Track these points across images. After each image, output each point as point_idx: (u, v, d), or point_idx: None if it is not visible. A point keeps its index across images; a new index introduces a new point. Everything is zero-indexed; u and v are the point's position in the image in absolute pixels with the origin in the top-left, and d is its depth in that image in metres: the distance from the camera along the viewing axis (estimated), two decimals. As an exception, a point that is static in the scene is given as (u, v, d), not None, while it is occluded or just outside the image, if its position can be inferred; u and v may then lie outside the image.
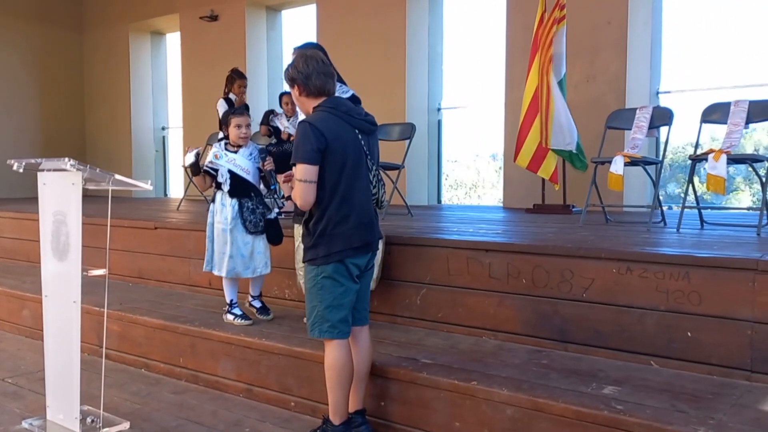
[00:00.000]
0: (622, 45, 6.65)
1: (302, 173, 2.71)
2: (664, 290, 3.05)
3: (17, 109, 11.13)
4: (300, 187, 2.72)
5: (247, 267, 3.92)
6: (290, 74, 2.86)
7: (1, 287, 5.44)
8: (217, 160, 3.91)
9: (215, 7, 9.95)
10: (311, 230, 2.82)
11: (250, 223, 3.88)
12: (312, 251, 2.83)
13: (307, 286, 2.88)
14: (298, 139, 2.74)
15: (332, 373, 2.85)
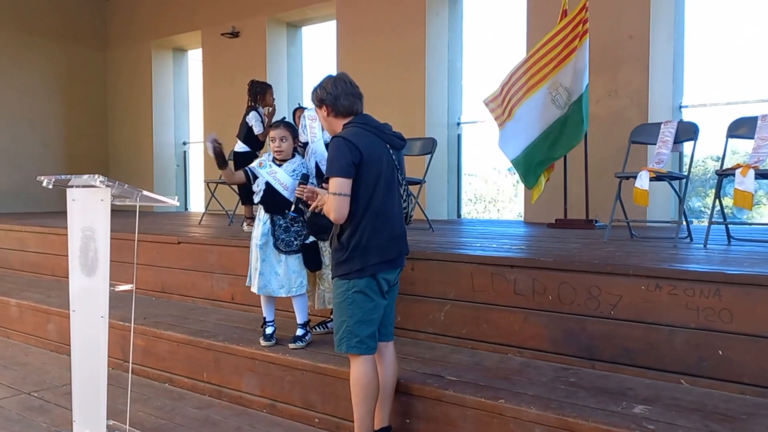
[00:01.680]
0: (644, 59, 6.62)
1: (338, 187, 2.73)
2: (694, 308, 3.01)
3: (42, 126, 11.32)
4: (335, 201, 2.73)
5: (281, 286, 3.81)
6: (319, 95, 2.92)
7: (27, 301, 5.51)
8: (260, 168, 3.84)
9: (236, 23, 10.07)
10: (344, 244, 2.82)
11: (282, 241, 3.78)
12: (345, 265, 2.82)
13: (337, 300, 2.89)
14: (332, 153, 2.75)
15: (358, 389, 2.84)
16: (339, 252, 2.86)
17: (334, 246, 2.90)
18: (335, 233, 2.89)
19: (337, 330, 2.87)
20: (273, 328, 3.96)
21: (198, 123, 11.20)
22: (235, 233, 5.78)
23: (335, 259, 2.89)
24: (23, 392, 4.10)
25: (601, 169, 6.38)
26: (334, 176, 2.73)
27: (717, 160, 6.79)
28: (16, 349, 5.26)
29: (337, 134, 2.82)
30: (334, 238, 2.89)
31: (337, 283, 2.88)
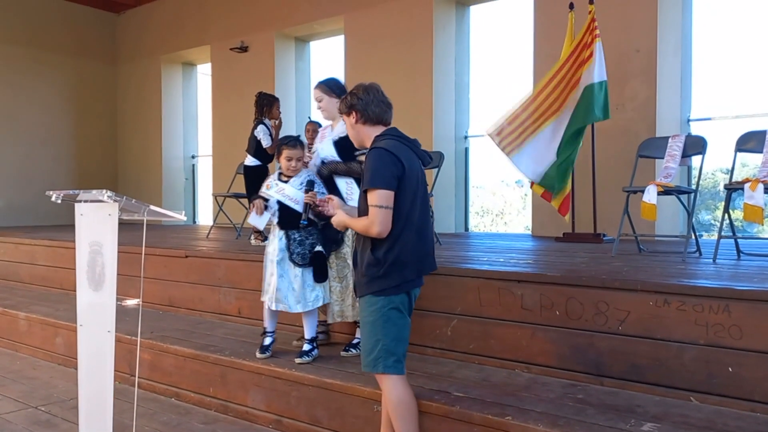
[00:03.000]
0: (651, 73, 6.62)
1: (382, 199, 2.64)
2: (703, 323, 2.98)
3: (53, 140, 11.43)
4: (379, 214, 2.63)
5: (297, 301, 3.79)
6: (349, 101, 2.86)
7: (35, 315, 5.52)
8: (268, 190, 3.86)
9: (245, 38, 10.15)
10: (381, 259, 2.71)
11: (298, 255, 3.77)
12: (381, 281, 2.72)
13: (369, 318, 2.76)
14: (374, 165, 2.67)
15: (403, 410, 2.75)
16: (373, 267, 2.73)
17: (366, 261, 2.75)
18: (366, 247, 2.75)
19: (371, 350, 2.73)
20: (271, 339, 3.97)
21: (207, 137, 11.27)
22: (243, 247, 5.79)
23: (367, 275, 2.75)
24: (30, 406, 4.11)
25: (609, 182, 6.37)
26: (379, 188, 2.64)
27: (726, 173, 6.76)
28: (25, 362, 5.27)
29: (377, 146, 2.73)
30: (365, 253, 2.75)
31: (370, 300, 2.75)
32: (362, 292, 2.80)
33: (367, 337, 2.77)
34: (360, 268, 2.80)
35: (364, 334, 2.80)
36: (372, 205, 2.64)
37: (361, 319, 2.83)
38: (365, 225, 2.70)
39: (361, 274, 2.78)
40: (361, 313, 2.82)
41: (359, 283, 2.83)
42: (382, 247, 2.71)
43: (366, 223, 2.69)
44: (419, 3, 8.25)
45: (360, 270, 2.80)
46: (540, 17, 7.33)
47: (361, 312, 2.82)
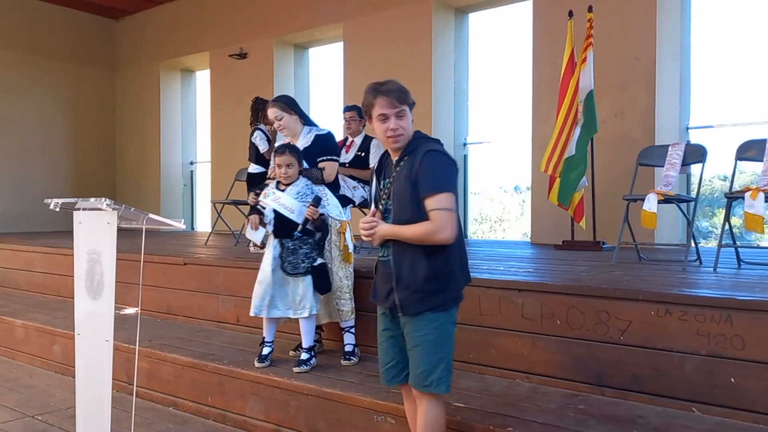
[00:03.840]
0: (650, 80, 6.62)
1: (449, 202, 2.45)
2: (705, 334, 2.97)
3: (51, 146, 11.40)
4: (448, 217, 2.43)
5: (288, 308, 3.80)
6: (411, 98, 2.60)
7: (33, 322, 5.49)
8: (264, 198, 3.84)
9: (244, 45, 10.15)
10: (439, 271, 2.49)
11: (289, 264, 3.76)
12: (442, 295, 2.51)
13: (428, 337, 2.51)
14: (440, 167, 2.48)
15: (440, 427, 2.61)
16: (432, 281, 2.49)
17: (422, 274, 2.50)
18: (419, 259, 2.50)
19: (432, 369, 2.51)
20: (270, 349, 3.94)
21: (205, 143, 11.26)
22: (242, 254, 5.77)
23: (424, 290, 2.49)
24: (27, 415, 4.07)
25: (609, 190, 6.36)
26: (449, 192, 2.46)
27: (724, 180, 6.77)
28: (21, 370, 5.24)
29: (435, 148, 2.53)
30: (419, 265, 2.50)
31: (429, 317, 2.51)
32: (418, 310, 2.51)
33: (426, 357, 2.52)
34: (410, 283, 2.51)
35: (420, 354, 2.53)
36: (439, 209, 2.42)
37: (414, 337, 2.54)
38: (427, 231, 2.44)
39: (414, 289, 2.50)
40: (415, 332, 2.54)
41: (409, 300, 2.52)
42: (439, 257, 2.50)
43: (429, 229, 2.44)
44: (418, 10, 8.26)
45: (412, 285, 2.51)
46: (539, 24, 7.34)
47: (415, 331, 2.54)
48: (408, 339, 2.58)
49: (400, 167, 2.56)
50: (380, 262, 2.67)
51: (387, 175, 2.65)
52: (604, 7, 6.52)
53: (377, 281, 2.70)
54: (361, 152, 5.83)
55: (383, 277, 2.63)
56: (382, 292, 2.64)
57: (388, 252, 2.59)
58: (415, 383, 2.58)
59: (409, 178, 2.50)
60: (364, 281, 4.13)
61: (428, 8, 8.19)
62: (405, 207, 2.52)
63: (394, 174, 2.58)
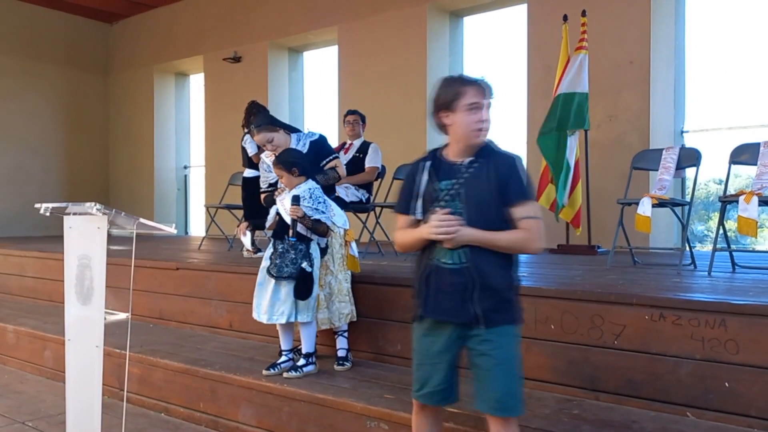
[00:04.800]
0: (644, 84, 6.63)
1: (537, 210, 2.36)
2: (699, 338, 2.95)
3: (43, 150, 11.36)
4: (540, 226, 2.31)
5: (264, 311, 3.75)
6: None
7: (24, 328, 5.45)
8: (278, 196, 3.84)
9: (238, 48, 10.14)
10: (513, 281, 2.36)
11: (274, 266, 3.70)
12: (516, 307, 2.37)
13: (511, 353, 2.34)
14: (526, 176, 2.37)
15: None
16: (512, 291, 2.35)
17: (504, 283, 2.33)
18: (500, 266, 2.33)
19: (515, 390, 2.33)
20: (285, 358, 3.84)
21: (199, 147, 11.23)
22: (235, 259, 5.74)
23: (508, 300, 2.34)
24: (17, 422, 4.03)
25: (603, 194, 6.36)
26: (535, 200, 2.39)
27: (719, 183, 6.77)
28: (12, 376, 5.19)
29: (516, 155, 2.42)
30: (501, 272, 2.33)
31: (510, 330, 2.34)
32: (502, 321, 2.32)
33: (509, 376, 2.32)
34: (495, 292, 2.31)
35: (501, 373, 2.31)
36: (531, 217, 2.29)
37: (495, 355, 2.30)
38: (525, 239, 2.29)
39: (499, 299, 2.31)
40: (495, 349, 2.30)
41: (494, 311, 2.30)
42: (514, 266, 2.36)
43: (526, 237, 2.29)
44: (413, 14, 8.26)
45: (497, 295, 2.31)
46: (533, 28, 7.34)
47: (496, 348, 2.30)
48: (485, 358, 2.31)
49: (474, 169, 2.36)
50: (446, 271, 2.33)
51: (448, 176, 2.38)
52: (598, 11, 6.53)
53: (437, 293, 2.36)
54: (359, 154, 5.87)
55: (453, 288, 2.32)
56: (449, 303, 2.33)
57: (459, 259, 2.30)
58: (493, 408, 2.32)
59: (495, 183, 2.32)
60: (361, 286, 4.12)
61: (423, 12, 8.19)
62: (486, 212, 2.31)
63: (465, 175, 2.36)
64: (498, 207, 2.31)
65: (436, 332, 2.38)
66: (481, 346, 2.30)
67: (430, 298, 2.37)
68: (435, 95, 2.41)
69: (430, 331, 2.40)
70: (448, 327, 2.35)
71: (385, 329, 4.05)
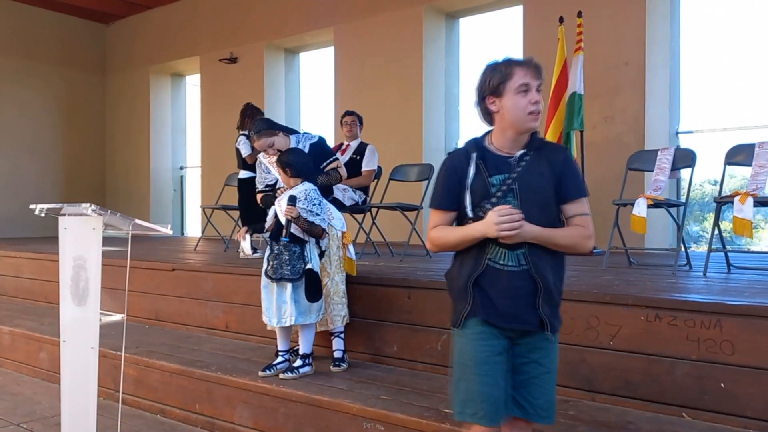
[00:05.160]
0: (640, 85, 6.65)
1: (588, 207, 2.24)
2: (695, 339, 2.96)
3: (40, 151, 11.33)
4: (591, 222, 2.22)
5: (273, 315, 3.75)
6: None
7: (20, 329, 5.43)
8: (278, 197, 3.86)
9: (235, 49, 10.13)
10: (563, 281, 2.22)
11: (271, 268, 3.71)
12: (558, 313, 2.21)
13: (553, 364, 2.22)
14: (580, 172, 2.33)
15: None
16: (560, 296, 2.20)
17: (561, 287, 2.20)
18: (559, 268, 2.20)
19: (552, 398, 2.22)
20: (281, 359, 3.84)
21: (196, 148, 11.22)
22: (231, 260, 5.73)
23: (555, 305, 2.19)
24: (12, 423, 4.02)
25: (598, 195, 6.31)
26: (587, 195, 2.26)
27: (714, 184, 6.79)
28: (8, 378, 5.17)
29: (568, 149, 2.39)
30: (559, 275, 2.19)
31: (555, 337, 2.21)
32: (558, 327, 2.20)
33: (553, 383, 2.23)
34: (554, 296, 2.17)
35: (549, 381, 2.21)
36: (587, 214, 2.20)
37: (547, 362, 2.20)
38: (582, 236, 2.17)
39: (556, 303, 2.19)
40: (547, 356, 2.20)
41: (556, 317, 2.19)
42: (564, 267, 2.23)
43: (584, 234, 2.17)
44: (409, 15, 8.26)
45: (555, 299, 2.18)
46: (529, 29, 7.35)
47: (548, 354, 2.20)
48: (531, 366, 2.17)
49: (526, 162, 2.18)
50: (504, 274, 2.15)
51: (494, 169, 2.19)
52: (594, 13, 6.54)
53: (493, 296, 2.16)
54: (356, 155, 5.87)
55: (514, 292, 2.13)
56: (511, 308, 2.14)
57: (519, 261, 2.13)
58: (535, 416, 2.20)
59: (549, 178, 2.17)
60: (357, 287, 4.12)
61: (419, 13, 8.20)
62: (543, 208, 2.15)
63: (517, 169, 2.17)
64: (554, 204, 2.18)
65: (489, 338, 2.17)
66: (532, 354, 2.17)
67: (485, 301, 2.16)
68: (480, 82, 2.28)
69: (485, 336, 2.17)
70: (500, 333, 2.16)
71: (381, 330, 4.05)
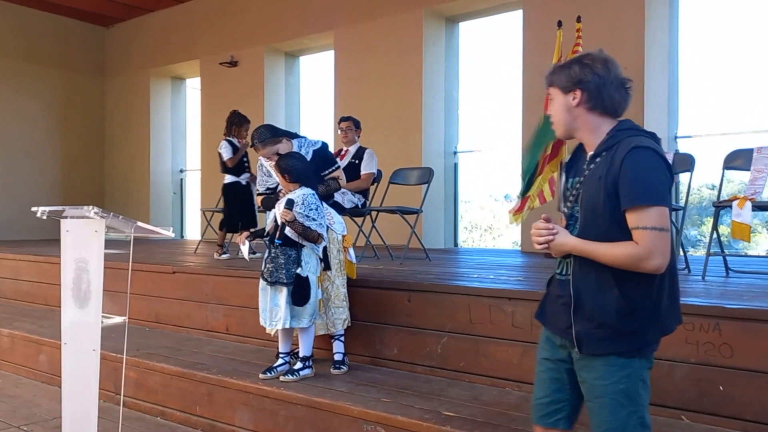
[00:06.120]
0: (638, 90, 6.67)
1: (661, 219, 1.87)
2: (693, 342, 2.98)
3: (38, 154, 11.32)
4: (659, 239, 1.86)
5: (271, 320, 3.75)
6: (576, 74, 2.07)
7: (19, 331, 5.44)
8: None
9: (235, 53, 10.14)
10: (638, 305, 1.92)
11: (267, 271, 3.72)
12: (637, 338, 1.94)
13: (618, 387, 1.95)
14: (649, 171, 1.91)
15: None
16: (625, 318, 1.93)
17: (611, 307, 1.94)
18: (608, 287, 1.94)
19: (622, 426, 1.96)
20: (281, 361, 3.85)
21: (195, 151, 11.23)
22: (231, 263, 5.75)
23: (613, 327, 1.94)
24: (12, 426, 4.02)
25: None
26: (659, 205, 1.88)
27: (712, 189, 6.82)
28: (7, 380, 5.18)
29: (644, 144, 1.95)
30: (607, 295, 1.94)
31: (619, 362, 1.95)
32: (601, 350, 1.97)
33: (614, 412, 1.96)
34: (594, 314, 1.97)
35: (605, 407, 1.98)
36: (647, 228, 1.87)
37: (598, 386, 1.99)
38: (632, 256, 1.88)
39: (598, 323, 1.96)
40: (598, 380, 1.98)
41: (591, 336, 1.97)
42: (637, 287, 1.93)
43: (634, 253, 1.88)
44: (409, 20, 8.29)
45: (596, 318, 1.96)
46: (528, 33, 7.38)
47: (599, 378, 1.98)
48: (587, 387, 2.03)
49: (595, 164, 2.00)
50: (557, 281, 2.13)
51: (578, 172, 2.09)
52: (593, 17, 6.56)
53: (548, 301, 2.18)
54: (355, 159, 5.90)
55: (558, 300, 2.09)
56: (554, 317, 2.11)
57: (568, 269, 2.04)
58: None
59: (605, 182, 1.94)
60: (357, 290, 4.13)
61: (419, 18, 8.22)
62: (596, 219, 1.97)
63: (586, 172, 2.02)
64: (611, 212, 1.93)
65: (544, 340, 2.18)
66: (583, 372, 2.03)
67: (543, 305, 2.19)
68: None
69: (542, 339, 2.19)
70: (560, 341, 2.10)
71: (381, 333, 4.06)
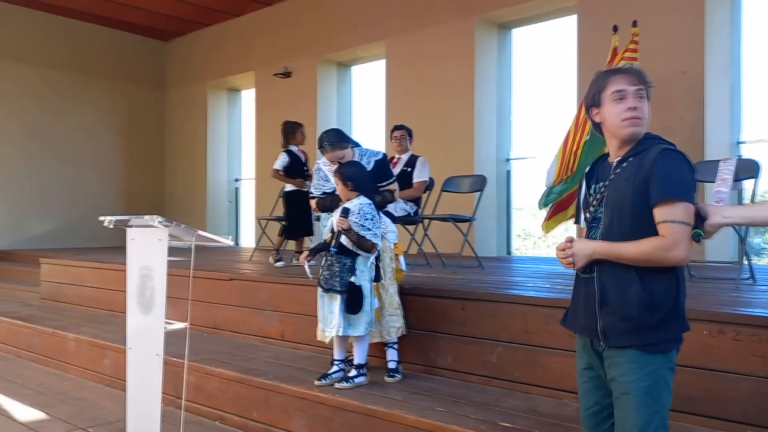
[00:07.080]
0: (699, 95, 6.49)
1: (686, 214, 2.02)
2: (760, 355, 2.88)
3: (101, 165, 11.76)
4: (684, 232, 2.00)
5: (326, 326, 3.82)
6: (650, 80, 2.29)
7: (84, 336, 5.64)
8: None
9: (288, 64, 10.33)
10: (659, 300, 2.03)
11: (323, 278, 3.78)
12: (661, 332, 2.03)
13: (641, 384, 2.01)
14: (677, 170, 2.06)
15: None
16: (648, 312, 2.02)
17: (634, 300, 2.04)
18: (631, 281, 2.05)
19: (645, 425, 2.00)
20: (336, 368, 3.90)
21: (250, 160, 11.47)
22: (286, 270, 5.84)
23: (637, 321, 2.03)
24: (78, 427, 4.18)
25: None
26: (686, 201, 2.02)
27: (778, 196, 6.56)
28: (73, 383, 5.38)
29: (669, 147, 2.13)
30: (630, 289, 2.04)
31: (641, 358, 2.02)
32: (623, 343, 2.05)
33: (638, 409, 2.01)
34: (618, 308, 2.07)
35: (630, 404, 2.03)
36: (673, 222, 1.99)
37: (622, 383, 2.05)
38: (657, 247, 1.99)
39: (622, 316, 2.05)
40: (623, 377, 2.05)
41: (615, 329, 2.06)
42: (659, 282, 2.04)
43: (659, 245, 1.99)
44: (461, 28, 8.28)
45: (619, 311, 2.06)
46: (583, 39, 7.27)
47: (623, 375, 2.05)
48: (614, 384, 2.09)
49: (621, 169, 2.13)
50: (582, 281, 2.20)
51: (601, 178, 2.21)
52: (650, 21, 6.42)
53: (576, 303, 2.24)
54: (407, 167, 5.95)
55: (585, 299, 2.17)
56: (580, 315, 2.19)
57: (592, 268, 2.14)
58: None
59: (633, 182, 2.07)
60: (410, 298, 4.15)
61: (471, 26, 8.21)
62: (622, 218, 2.09)
63: (611, 177, 2.15)
64: (639, 212, 2.05)
65: (581, 350, 2.24)
66: (611, 369, 2.09)
67: (570, 308, 2.26)
68: (585, 95, 2.29)
69: (579, 349, 2.26)
70: (586, 344, 2.19)
71: (435, 342, 4.06)
